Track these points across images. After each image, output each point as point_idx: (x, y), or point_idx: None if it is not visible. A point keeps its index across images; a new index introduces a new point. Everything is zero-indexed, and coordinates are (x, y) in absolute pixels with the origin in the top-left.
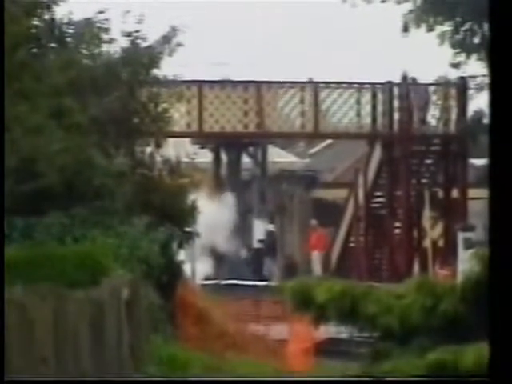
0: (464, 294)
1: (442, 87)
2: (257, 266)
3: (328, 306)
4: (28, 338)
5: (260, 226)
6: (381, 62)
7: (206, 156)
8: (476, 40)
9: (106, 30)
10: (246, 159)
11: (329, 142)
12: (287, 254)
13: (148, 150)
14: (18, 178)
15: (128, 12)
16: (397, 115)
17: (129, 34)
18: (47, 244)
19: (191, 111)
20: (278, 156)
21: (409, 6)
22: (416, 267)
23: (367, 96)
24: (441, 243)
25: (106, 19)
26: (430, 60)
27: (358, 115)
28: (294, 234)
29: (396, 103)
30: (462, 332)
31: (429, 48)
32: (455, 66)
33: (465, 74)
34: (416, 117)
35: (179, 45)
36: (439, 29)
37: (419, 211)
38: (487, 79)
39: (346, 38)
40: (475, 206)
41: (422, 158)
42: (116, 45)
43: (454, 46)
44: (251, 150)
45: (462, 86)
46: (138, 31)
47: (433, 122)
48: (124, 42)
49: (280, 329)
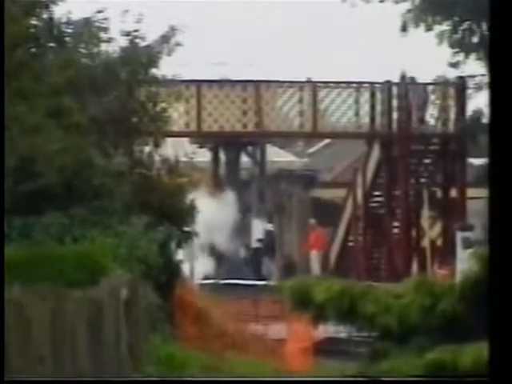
0: (463, 294)
1: (440, 87)
2: (256, 265)
3: (327, 306)
4: (26, 337)
5: (259, 225)
6: (379, 61)
7: (204, 155)
8: (475, 39)
9: (105, 30)
10: (245, 158)
11: (327, 141)
12: (286, 253)
13: (147, 150)
14: (16, 178)
15: (127, 11)
16: (395, 115)
17: (128, 34)
18: (46, 244)
19: (190, 111)
20: (276, 155)
21: (407, 5)
22: (415, 267)
23: (366, 95)
24: (439, 243)
25: (104, 19)
26: (428, 59)
27: (357, 115)
28: (292, 233)
29: (395, 103)
30: (460, 332)
31: (427, 47)
32: (454, 65)
33: (463, 74)
34: (415, 116)
35: (178, 44)
36: (438, 28)
37: (418, 211)
38: (486, 79)
39: (344, 38)
40: (474, 206)
41: (421, 157)
42: (115, 44)
43: (452, 45)
44: (250, 149)
45: (460, 85)
46: (136, 31)
47: (431, 121)
48: (123, 41)
49: (279, 328)
